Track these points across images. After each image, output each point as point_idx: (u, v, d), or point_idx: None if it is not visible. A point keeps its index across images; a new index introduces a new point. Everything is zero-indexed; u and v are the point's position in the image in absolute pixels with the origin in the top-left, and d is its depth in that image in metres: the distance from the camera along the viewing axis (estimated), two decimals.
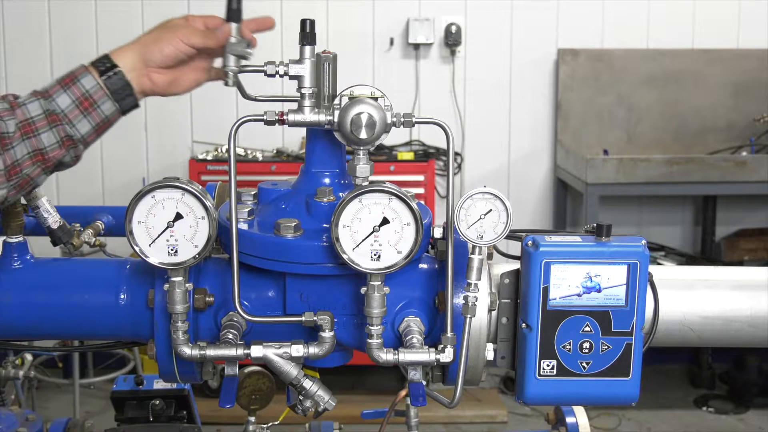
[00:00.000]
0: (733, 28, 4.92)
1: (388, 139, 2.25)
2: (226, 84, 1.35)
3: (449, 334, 1.35)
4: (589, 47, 4.86)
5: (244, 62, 1.36)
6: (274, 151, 4.63)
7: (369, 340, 1.35)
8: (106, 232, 2.04)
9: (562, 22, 4.88)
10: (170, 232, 1.30)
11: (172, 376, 1.45)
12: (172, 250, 1.30)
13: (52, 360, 4.60)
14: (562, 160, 4.84)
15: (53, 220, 1.84)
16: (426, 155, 4.66)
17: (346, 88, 1.34)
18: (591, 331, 1.34)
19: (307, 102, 1.33)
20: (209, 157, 4.50)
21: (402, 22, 4.82)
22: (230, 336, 1.36)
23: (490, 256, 1.43)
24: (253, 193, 1.48)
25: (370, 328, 1.34)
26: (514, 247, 1.39)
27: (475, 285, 1.34)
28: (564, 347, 1.35)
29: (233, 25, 1.34)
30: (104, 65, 1.31)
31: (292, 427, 1.77)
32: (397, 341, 1.40)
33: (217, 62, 1.42)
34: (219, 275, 1.43)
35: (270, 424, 1.67)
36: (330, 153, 1.42)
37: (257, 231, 1.37)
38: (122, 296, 1.44)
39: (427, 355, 1.35)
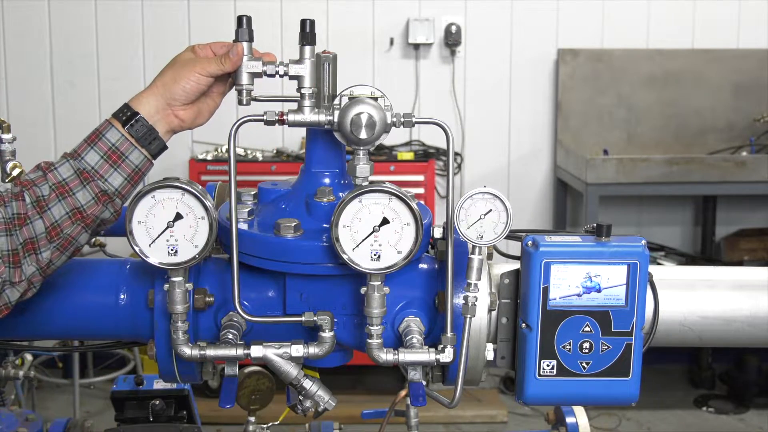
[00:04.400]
0: (733, 28, 4.92)
1: (388, 139, 2.25)
2: (241, 103, 1.36)
3: (449, 334, 1.35)
4: (589, 47, 4.86)
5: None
6: (274, 151, 4.63)
7: (369, 340, 1.35)
8: (106, 232, 2.04)
9: (562, 22, 4.88)
10: (170, 232, 1.30)
11: (172, 376, 1.45)
12: (172, 250, 1.30)
13: (52, 360, 4.60)
14: (562, 160, 4.83)
15: None
16: (426, 155, 4.66)
17: (346, 88, 1.33)
18: (591, 331, 1.34)
19: (307, 102, 1.33)
20: (209, 157, 4.50)
21: (402, 22, 4.82)
22: (230, 336, 1.36)
23: (490, 256, 1.43)
24: (253, 193, 1.48)
25: (370, 328, 1.34)
26: (514, 247, 1.39)
27: (475, 285, 1.34)
28: (564, 347, 1.35)
29: (245, 45, 1.34)
30: (125, 115, 1.33)
31: (292, 427, 1.77)
32: (397, 341, 1.40)
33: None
34: (219, 275, 1.43)
35: (270, 424, 1.67)
36: (330, 153, 1.42)
37: (257, 231, 1.37)
38: (122, 296, 1.44)
39: (427, 355, 1.35)
